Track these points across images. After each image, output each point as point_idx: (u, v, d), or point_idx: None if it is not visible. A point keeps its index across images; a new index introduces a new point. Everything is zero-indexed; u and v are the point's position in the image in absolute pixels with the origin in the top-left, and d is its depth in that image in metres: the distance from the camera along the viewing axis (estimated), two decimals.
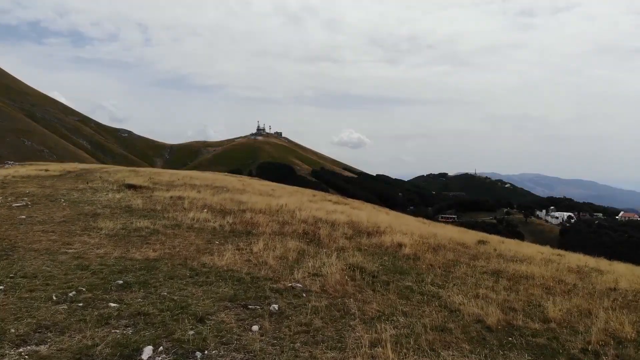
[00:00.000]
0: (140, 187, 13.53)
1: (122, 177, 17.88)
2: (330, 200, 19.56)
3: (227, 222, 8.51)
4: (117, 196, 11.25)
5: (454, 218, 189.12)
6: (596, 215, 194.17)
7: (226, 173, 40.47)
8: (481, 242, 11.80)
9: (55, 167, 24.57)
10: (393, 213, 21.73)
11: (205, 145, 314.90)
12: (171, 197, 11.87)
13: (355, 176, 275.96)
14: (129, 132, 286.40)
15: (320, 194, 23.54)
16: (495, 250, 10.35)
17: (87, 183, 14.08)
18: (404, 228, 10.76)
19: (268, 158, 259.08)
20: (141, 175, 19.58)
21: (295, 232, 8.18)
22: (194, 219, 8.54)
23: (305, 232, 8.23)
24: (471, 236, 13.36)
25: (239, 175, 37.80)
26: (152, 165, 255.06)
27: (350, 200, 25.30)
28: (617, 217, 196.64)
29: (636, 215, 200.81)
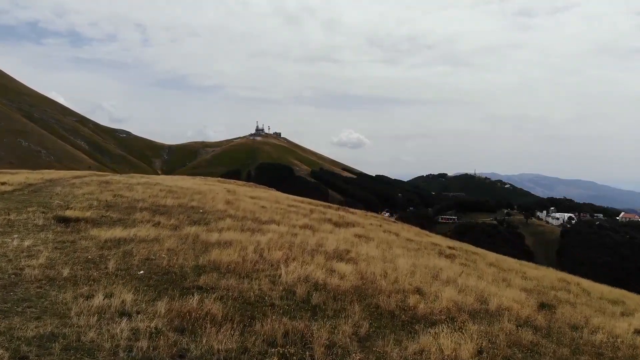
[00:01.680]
0: (78, 220, 9.98)
1: (83, 193, 14.36)
2: (330, 221, 15.93)
3: (152, 321, 4.79)
4: (26, 243, 7.71)
5: (454, 219, 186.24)
6: (597, 216, 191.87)
7: (219, 178, 36.43)
8: (543, 306, 8.40)
9: (15, 179, 20.88)
10: (404, 234, 18.22)
11: (204, 145, 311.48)
12: (106, 241, 8.33)
13: (355, 177, 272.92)
14: (128, 133, 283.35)
15: (318, 209, 19.80)
16: (575, 329, 6.98)
17: (9, 214, 10.49)
18: (440, 290, 7.27)
19: (267, 159, 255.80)
20: (110, 189, 16.01)
21: (270, 346, 4.49)
22: (96, 312, 4.84)
23: (287, 352, 4.42)
24: (517, 286, 9.88)
25: (232, 182, 33.68)
26: (151, 165, 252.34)
27: (352, 215, 21.70)
28: (617, 217, 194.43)
29: (637, 216, 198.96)
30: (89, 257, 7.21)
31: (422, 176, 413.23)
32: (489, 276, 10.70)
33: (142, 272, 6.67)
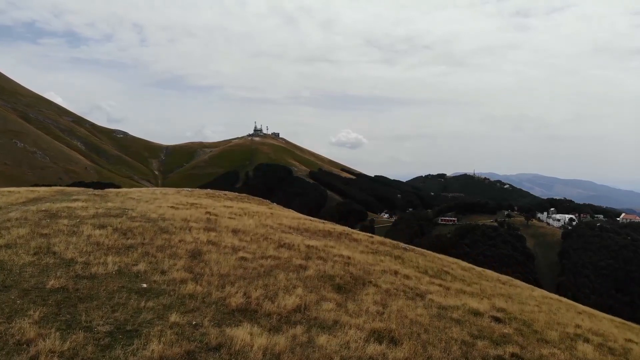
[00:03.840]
0: None
1: None
2: (332, 281, 9.55)
3: None
4: None
5: (454, 220, 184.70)
6: (597, 217, 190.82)
7: (207, 190, 31.45)
8: None
9: None
10: (430, 292, 14.24)
11: (202, 146, 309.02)
12: None
13: (354, 177, 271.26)
14: (125, 133, 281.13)
15: (316, 247, 13.54)
16: None
17: None
18: None
19: (265, 159, 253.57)
20: (45, 232, 9.14)
21: None
22: None
23: None
24: None
25: (222, 196, 26.94)
26: (148, 166, 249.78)
27: (357, 248, 17.07)
28: (618, 218, 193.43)
29: (637, 217, 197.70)
30: None
31: (421, 176, 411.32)
32: None
33: None
